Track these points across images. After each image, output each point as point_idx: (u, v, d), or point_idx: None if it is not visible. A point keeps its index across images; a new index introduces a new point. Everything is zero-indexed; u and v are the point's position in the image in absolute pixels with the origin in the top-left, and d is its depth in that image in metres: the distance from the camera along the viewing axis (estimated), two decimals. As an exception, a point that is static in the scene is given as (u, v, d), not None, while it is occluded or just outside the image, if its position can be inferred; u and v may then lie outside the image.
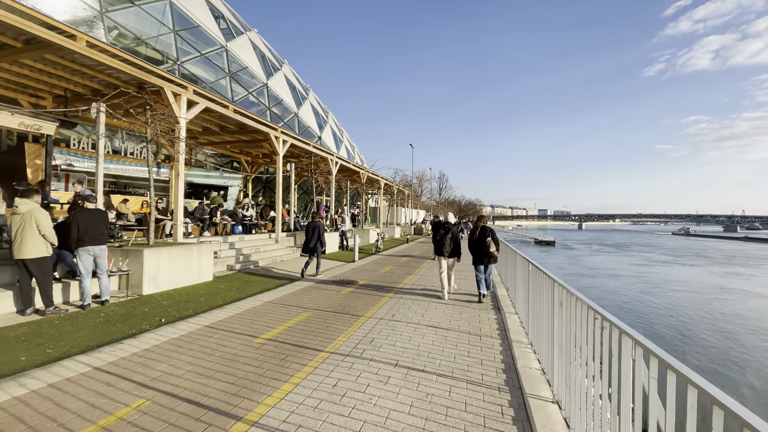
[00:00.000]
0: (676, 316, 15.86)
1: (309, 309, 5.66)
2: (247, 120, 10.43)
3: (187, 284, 7.01)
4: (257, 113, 16.92)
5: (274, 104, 22.37)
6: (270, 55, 24.53)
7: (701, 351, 11.79)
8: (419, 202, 58.19)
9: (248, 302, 6.04)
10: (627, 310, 16.70)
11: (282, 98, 23.13)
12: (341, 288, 7.36)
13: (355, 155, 37.40)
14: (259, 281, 7.90)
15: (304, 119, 25.34)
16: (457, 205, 69.03)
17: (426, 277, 8.88)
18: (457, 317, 5.48)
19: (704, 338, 12.99)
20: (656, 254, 44.82)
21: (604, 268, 32.24)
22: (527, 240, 66.58)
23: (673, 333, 13.51)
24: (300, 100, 25.96)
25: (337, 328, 4.77)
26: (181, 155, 7.92)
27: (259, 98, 21.30)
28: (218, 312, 5.43)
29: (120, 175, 12.78)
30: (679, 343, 12.43)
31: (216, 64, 18.45)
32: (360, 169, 19.47)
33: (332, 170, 15.91)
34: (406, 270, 9.94)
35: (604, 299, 18.80)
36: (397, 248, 16.60)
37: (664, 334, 13.39)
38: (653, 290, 21.58)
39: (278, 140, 11.69)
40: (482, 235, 6.50)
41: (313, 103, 28.77)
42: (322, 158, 15.33)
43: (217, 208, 11.53)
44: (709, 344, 12.39)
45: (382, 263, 11.30)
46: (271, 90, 22.17)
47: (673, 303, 18.16)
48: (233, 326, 4.74)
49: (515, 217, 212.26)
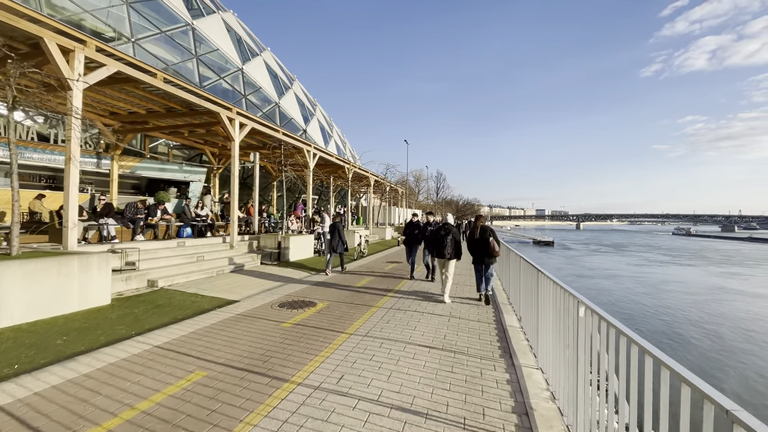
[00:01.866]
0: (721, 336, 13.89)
1: (210, 363, 3.55)
2: (186, 94, 8.29)
3: (58, 313, 4.87)
4: (234, 103, 14.83)
5: (251, 92, 20.20)
6: (248, 39, 22.37)
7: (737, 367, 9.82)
8: (416, 201, 56.31)
9: (128, 346, 3.93)
10: (659, 330, 14.73)
11: (260, 86, 20.95)
12: (288, 316, 5.26)
13: (347, 152, 35.27)
14: (178, 305, 5.78)
15: (287, 110, 23.16)
16: (454, 204, 67.55)
17: (408, 300, 6.77)
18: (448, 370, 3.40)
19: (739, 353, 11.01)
20: (670, 256, 42.96)
21: (603, 269, 30.46)
22: (526, 240, 64.79)
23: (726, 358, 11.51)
24: (282, 90, 23.80)
25: (240, 407, 2.68)
26: (73, 131, 5.77)
27: (233, 85, 19.13)
28: (58, 370, 3.32)
29: (56, 168, 10.61)
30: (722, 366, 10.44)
31: (180, 44, 16.28)
32: (344, 163, 17.35)
33: (309, 163, 13.79)
34: (388, 284, 7.84)
35: (630, 313, 16.82)
36: (385, 252, 14.51)
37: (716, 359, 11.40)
38: (671, 300, 19.64)
39: (233, 123, 9.57)
40: (483, 235, 6.25)
41: (298, 93, 26.60)
42: (296, 149, 13.20)
43: (157, 206, 9.39)
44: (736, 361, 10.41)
45: (359, 274, 9.20)
46: (247, 76, 20.00)
47: (711, 316, 16.12)
48: (50, 408, 2.63)
49: (513, 217, 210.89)
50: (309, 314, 5.36)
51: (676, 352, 11.23)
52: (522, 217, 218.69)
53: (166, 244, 8.25)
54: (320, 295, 6.55)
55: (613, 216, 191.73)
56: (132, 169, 12.54)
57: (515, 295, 5.72)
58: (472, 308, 5.93)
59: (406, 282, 8.08)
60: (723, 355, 11.06)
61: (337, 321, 5.04)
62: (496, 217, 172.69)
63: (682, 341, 12.38)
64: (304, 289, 7.10)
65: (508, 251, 6.87)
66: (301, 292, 6.79)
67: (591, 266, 33.37)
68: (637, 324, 14.34)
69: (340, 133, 37.24)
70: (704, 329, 13.61)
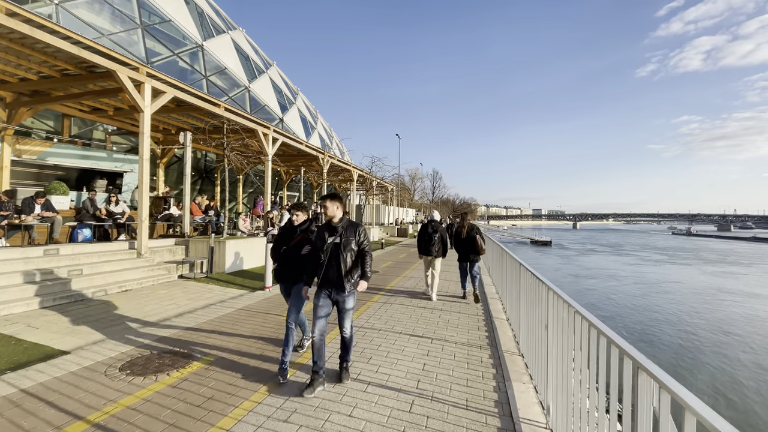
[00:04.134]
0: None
1: None
2: (68, 45, 5.77)
3: None
4: (192, 84, 12.30)
5: (214, 72, 17.62)
6: (212, 14, 19.78)
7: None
8: (412, 200, 54.04)
9: None
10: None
11: (226, 66, 18.38)
12: (114, 395, 2.80)
13: (333, 146, 32.74)
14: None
15: (259, 96, 20.58)
16: (451, 204, 65.95)
17: (366, 340, 4.35)
18: None
19: None
20: (697, 260, 40.62)
21: (607, 270, 28.30)
22: (523, 240, 62.79)
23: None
24: (255, 73, 21.24)
25: None
26: None
27: (191, 63, 16.56)
28: None
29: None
30: None
31: (119, 9, 13.69)
32: (318, 153, 14.83)
33: (267, 149, 11.30)
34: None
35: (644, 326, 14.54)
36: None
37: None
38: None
39: (141, 88, 7.07)
40: (470, 233, 6.29)
41: (275, 78, 24.04)
42: (248, 131, 10.70)
43: (35, 199, 6.87)
44: None
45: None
46: (209, 54, 17.43)
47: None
48: None
49: (510, 216, 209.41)
50: (163, 387, 2.91)
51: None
52: (519, 216, 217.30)
53: (22, 253, 5.73)
54: (218, 340, 4.08)
55: (609, 215, 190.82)
56: (40, 155, 9.98)
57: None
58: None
59: (371, 305, 5.65)
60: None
61: (202, 409, 2.59)
62: (493, 216, 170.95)
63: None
64: (206, 323, 4.63)
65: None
66: (193, 331, 4.32)
67: (591, 266, 31.55)
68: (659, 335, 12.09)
69: (327, 126, 34.68)
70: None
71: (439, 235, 6.25)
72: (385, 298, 6.23)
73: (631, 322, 14.66)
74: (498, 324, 4.95)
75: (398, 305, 5.80)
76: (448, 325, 4.89)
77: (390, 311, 5.43)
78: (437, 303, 6.04)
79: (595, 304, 17.38)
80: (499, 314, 5.46)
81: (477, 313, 5.51)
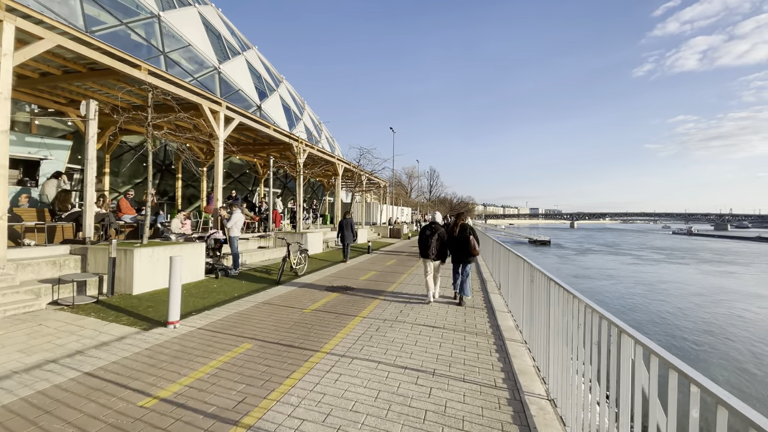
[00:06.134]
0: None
1: None
2: None
3: None
4: (148, 60, 9.85)
5: (174, 48, 15.24)
6: (177, -16, 17.34)
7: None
8: (408, 199, 51.91)
9: None
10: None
11: (189, 42, 15.99)
12: None
13: (322, 140, 30.39)
14: None
15: (232, 79, 18.18)
16: (448, 203, 64.38)
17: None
18: None
19: None
20: (698, 262, 39.00)
21: (605, 268, 26.45)
22: (521, 240, 61.05)
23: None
24: (227, 54, 18.86)
25: None
26: None
27: (147, 38, 14.18)
28: None
29: None
30: None
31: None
32: (292, 140, 12.52)
33: (217, 131, 9.01)
34: (257, 389, 3.18)
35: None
36: (333, 270, 9.74)
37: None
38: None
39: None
40: (462, 234, 6.18)
41: (253, 61, 21.66)
42: (188, 105, 8.40)
43: None
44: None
45: (233, 335, 4.52)
46: (167, 26, 15.04)
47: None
48: None
49: (507, 215, 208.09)
50: None
51: None
52: (516, 215, 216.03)
53: None
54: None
55: (606, 214, 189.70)
56: None
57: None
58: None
59: (322, 357, 3.45)
60: None
61: None
62: (491, 215, 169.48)
63: None
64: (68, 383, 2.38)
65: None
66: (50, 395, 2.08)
67: (590, 265, 29.74)
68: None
69: (315, 118, 32.32)
70: None
71: (438, 238, 6.13)
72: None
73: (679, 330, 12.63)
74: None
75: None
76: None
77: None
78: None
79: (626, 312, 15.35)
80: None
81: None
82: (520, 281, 4.55)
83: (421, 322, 4.95)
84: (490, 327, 4.83)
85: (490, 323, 5.00)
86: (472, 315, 5.39)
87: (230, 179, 19.35)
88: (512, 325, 4.92)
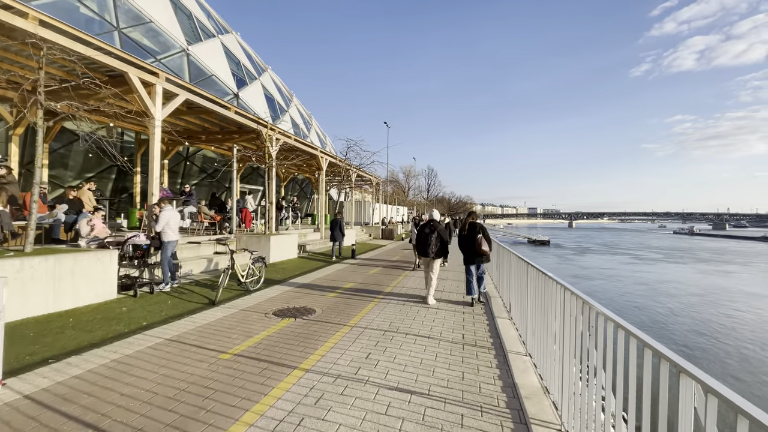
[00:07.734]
0: None
1: None
2: None
3: None
4: (99, 36, 8.01)
5: (132, 25, 13.38)
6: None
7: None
8: (406, 198, 50.18)
9: None
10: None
11: (151, 18, 14.13)
12: None
13: (311, 135, 28.53)
14: None
15: (203, 63, 16.31)
16: (446, 202, 63.00)
17: None
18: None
19: None
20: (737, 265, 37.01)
21: (605, 268, 24.92)
22: (520, 240, 59.60)
23: None
24: (199, 35, 17.01)
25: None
26: None
27: (101, 13, 12.33)
28: None
29: None
30: None
31: None
32: (260, 125, 10.68)
33: (152, 110, 7.20)
34: None
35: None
36: (300, 280, 7.96)
37: None
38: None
39: None
40: (471, 232, 5.99)
41: (231, 46, 19.80)
42: (109, 77, 6.58)
43: None
44: None
45: (96, 397, 2.75)
46: (126, 1, 13.20)
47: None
48: None
49: (505, 215, 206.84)
50: None
51: None
52: (514, 215, 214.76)
53: None
54: None
55: (604, 214, 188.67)
56: None
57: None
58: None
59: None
60: None
61: None
62: (489, 215, 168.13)
63: None
64: None
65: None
66: None
67: (590, 265, 28.65)
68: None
69: (304, 111, 30.46)
70: None
71: (437, 236, 5.93)
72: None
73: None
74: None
75: None
76: None
77: None
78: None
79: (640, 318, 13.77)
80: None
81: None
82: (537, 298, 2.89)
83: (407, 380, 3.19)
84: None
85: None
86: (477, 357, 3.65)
87: (203, 174, 17.52)
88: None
